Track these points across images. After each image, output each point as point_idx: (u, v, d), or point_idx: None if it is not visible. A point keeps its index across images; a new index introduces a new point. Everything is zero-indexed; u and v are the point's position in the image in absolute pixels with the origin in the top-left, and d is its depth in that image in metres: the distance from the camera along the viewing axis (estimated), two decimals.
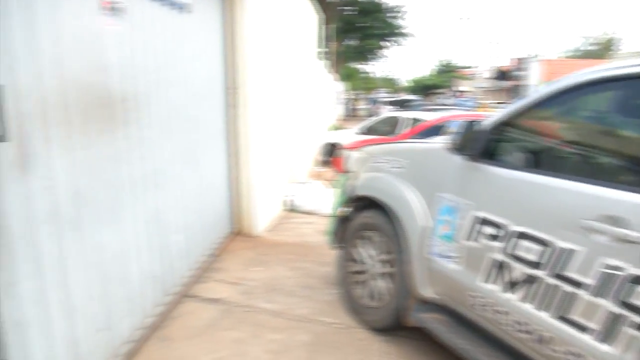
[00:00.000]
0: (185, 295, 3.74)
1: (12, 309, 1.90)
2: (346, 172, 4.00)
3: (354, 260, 3.66)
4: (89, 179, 2.40)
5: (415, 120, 9.30)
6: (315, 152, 10.53)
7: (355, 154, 3.98)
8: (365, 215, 3.55)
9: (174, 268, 3.58)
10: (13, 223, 1.89)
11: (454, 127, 2.99)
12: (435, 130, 8.04)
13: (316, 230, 5.84)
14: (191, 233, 3.90)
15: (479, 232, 2.52)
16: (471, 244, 2.56)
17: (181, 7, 3.50)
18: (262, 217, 5.42)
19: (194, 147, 3.86)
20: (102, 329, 2.60)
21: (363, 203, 3.59)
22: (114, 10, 2.59)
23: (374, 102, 31.11)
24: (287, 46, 6.61)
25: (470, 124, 2.69)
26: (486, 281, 2.47)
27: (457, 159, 2.73)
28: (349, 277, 3.72)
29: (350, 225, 3.74)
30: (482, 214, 2.51)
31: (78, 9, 2.28)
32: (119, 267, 2.75)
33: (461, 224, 2.63)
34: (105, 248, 2.59)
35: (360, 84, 46.57)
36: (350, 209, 3.79)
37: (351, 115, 31.32)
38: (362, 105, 35.84)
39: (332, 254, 4.40)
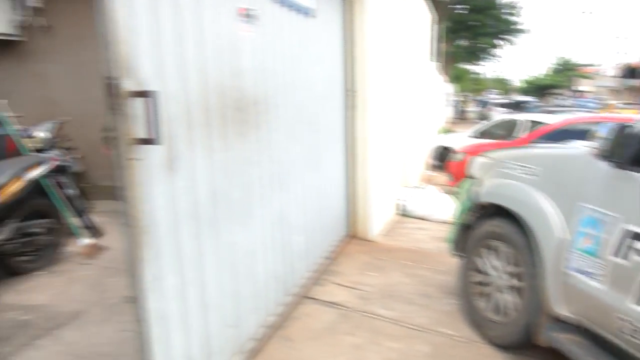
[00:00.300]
0: (304, 296, 3.79)
1: (157, 303, 2.01)
2: (469, 177, 3.81)
3: (477, 271, 3.47)
4: (224, 180, 2.50)
5: (535, 123, 8.67)
6: (426, 155, 10.27)
7: (479, 159, 3.79)
8: (491, 224, 3.35)
9: (295, 269, 3.63)
10: (160, 220, 2.00)
11: (600, 131, 2.72)
12: (558, 134, 7.46)
13: (431, 237, 5.67)
14: (310, 234, 3.94)
15: (630, 248, 2.25)
16: (619, 260, 2.30)
17: (307, 12, 3.56)
18: (377, 221, 5.37)
19: (315, 149, 3.91)
20: (231, 325, 2.68)
21: (488, 211, 3.40)
22: (248, 16, 2.67)
23: (485, 104, 29.77)
24: (402, 47, 6.50)
25: (621, 128, 2.42)
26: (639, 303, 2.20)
27: (604, 166, 2.47)
28: (470, 288, 3.53)
29: (473, 233, 3.55)
30: (634, 228, 2.24)
31: (219, 16, 2.38)
32: (248, 265, 2.84)
33: (607, 239, 2.37)
34: (237, 246, 2.68)
35: (470, 86, 44.89)
36: (474, 217, 3.61)
37: (460, 117, 30.26)
38: (471, 108, 34.49)
39: (450, 262, 4.22)
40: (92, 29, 6.03)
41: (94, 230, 5.11)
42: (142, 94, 1.74)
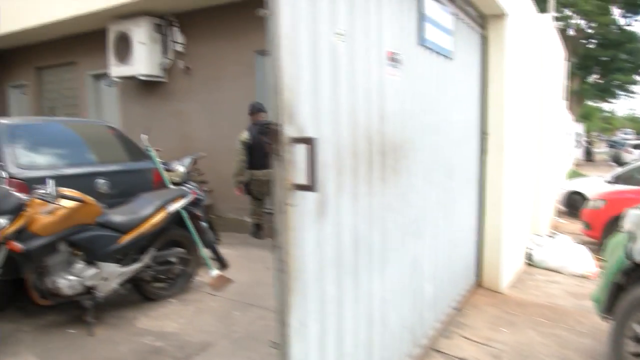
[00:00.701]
0: (431, 348, 3.59)
1: (300, 349, 1.98)
2: (622, 231, 3.44)
3: (635, 339, 3.06)
4: (365, 226, 2.45)
5: None
6: (554, 200, 9.56)
7: (635, 212, 3.40)
8: None
9: (423, 319, 3.47)
10: (308, 266, 1.98)
11: None
12: None
13: (566, 292, 5.19)
14: (439, 282, 3.76)
15: None
16: None
17: (446, 55, 3.49)
18: (506, 271, 5.02)
19: (449, 194, 3.78)
20: None
21: None
22: (394, 60, 2.66)
23: (619, 144, 27.30)
24: (536, 86, 6.18)
25: None
26: None
27: None
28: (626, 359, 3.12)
29: (628, 295, 3.16)
30: None
31: (369, 61, 2.39)
32: (381, 313, 2.74)
33: None
34: (373, 294, 2.60)
35: (599, 125, 41.67)
36: (629, 276, 3.22)
37: (588, 159, 28.02)
38: (601, 149, 31.84)
39: (592, 323, 3.82)
40: (225, 70, 6.49)
41: (221, 262, 5.33)
42: (303, 140, 1.76)
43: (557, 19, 7.86)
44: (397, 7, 2.68)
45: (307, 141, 1.75)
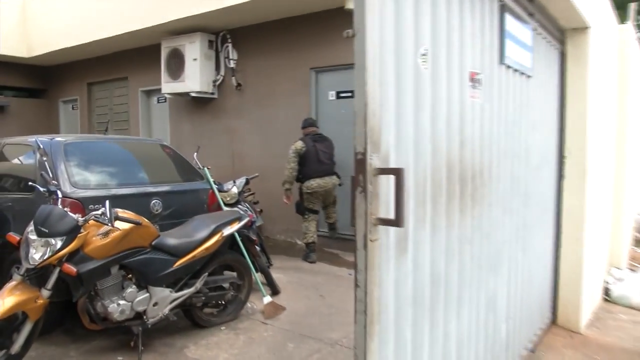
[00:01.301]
0: None
1: None
2: None
3: None
4: (443, 261, 2.34)
5: None
6: (631, 227, 9.02)
7: None
8: None
9: None
10: (389, 307, 1.90)
11: None
12: None
13: None
14: (514, 321, 3.57)
15: None
16: None
17: (526, 73, 3.36)
18: (583, 308, 4.74)
19: (526, 225, 3.61)
20: None
21: None
22: (475, 81, 2.56)
23: None
24: (616, 103, 5.90)
25: None
26: None
27: None
28: None
29: None
30: None
31: (452, 82, 2.30)
32: (456, 356, 2.60)
33: None
34: (450, 335, 2.47)
35: None
36: None
37: None
38: None
39: None
40: (279, 87, 6.59)
41: (273, 288, 5.30)
42: (389, 171, 1.68)
43: (639, 26, 7.50)
44: (479, 23, 2.59)
45: (394, 172, 1.68)
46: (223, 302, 4.58)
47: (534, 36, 3.60)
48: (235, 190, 5.52)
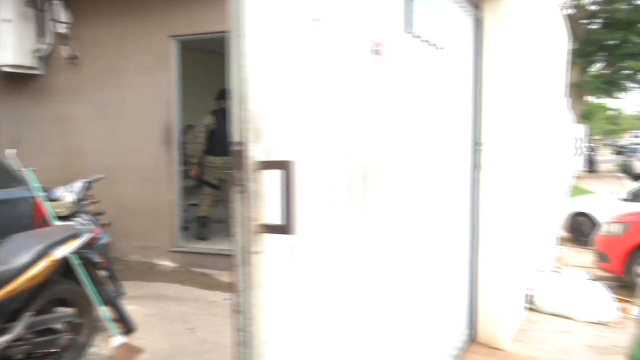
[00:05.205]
0: None
1: None
2: None
3: None
4: (345, 273, 2.45)
5: None
6: (557, 225, 9.87)
7: None
8: None
9: None
10: (279, 331, 1.95)
11: None
12: None
13: (584, 345, 5.35)
14: (424, 340, 3.79)
15: None
16: None
17: (436, 45, 3.59)
18: (505, 320, 5.13)
19: (436, 224, 3.86)
20: None
21: None
22: (377, 53, 2.70)
23: (631, 151, 28.45)
24: (538, 83, 6.42)
25: None
26: None
27: None
28: None
29: None
30: None
31: (349, 54, 2.40)
32: None
33: None
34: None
35: (604, 126, 43.74)
36: None
37: (591, 169, 29.05)
38: (606, 157, 33.29)
39: None
40: (128, 61, 6.37)
41: (126, 324, 5.15)
42: (276, 164, 1.73)
43: None
44: None
45: (282, 165, 1.72)
46: (56, 350, 4.38)
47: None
48: (70, 197, 5.30)
